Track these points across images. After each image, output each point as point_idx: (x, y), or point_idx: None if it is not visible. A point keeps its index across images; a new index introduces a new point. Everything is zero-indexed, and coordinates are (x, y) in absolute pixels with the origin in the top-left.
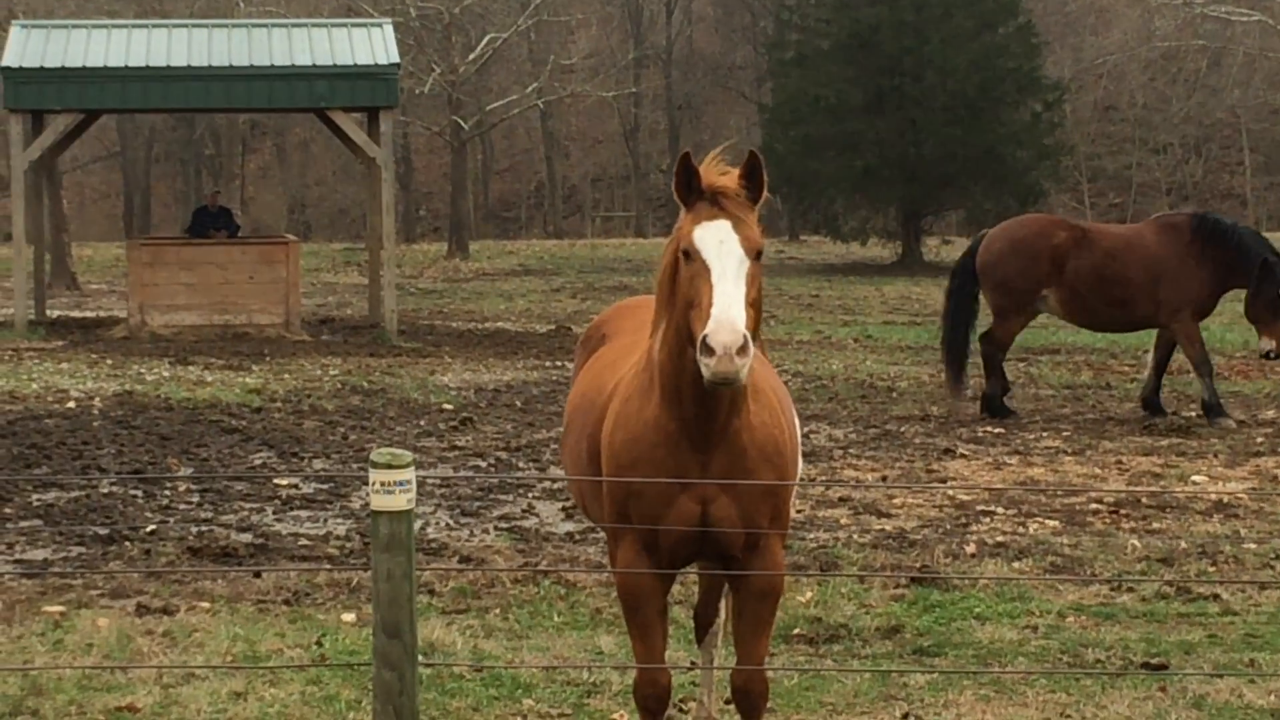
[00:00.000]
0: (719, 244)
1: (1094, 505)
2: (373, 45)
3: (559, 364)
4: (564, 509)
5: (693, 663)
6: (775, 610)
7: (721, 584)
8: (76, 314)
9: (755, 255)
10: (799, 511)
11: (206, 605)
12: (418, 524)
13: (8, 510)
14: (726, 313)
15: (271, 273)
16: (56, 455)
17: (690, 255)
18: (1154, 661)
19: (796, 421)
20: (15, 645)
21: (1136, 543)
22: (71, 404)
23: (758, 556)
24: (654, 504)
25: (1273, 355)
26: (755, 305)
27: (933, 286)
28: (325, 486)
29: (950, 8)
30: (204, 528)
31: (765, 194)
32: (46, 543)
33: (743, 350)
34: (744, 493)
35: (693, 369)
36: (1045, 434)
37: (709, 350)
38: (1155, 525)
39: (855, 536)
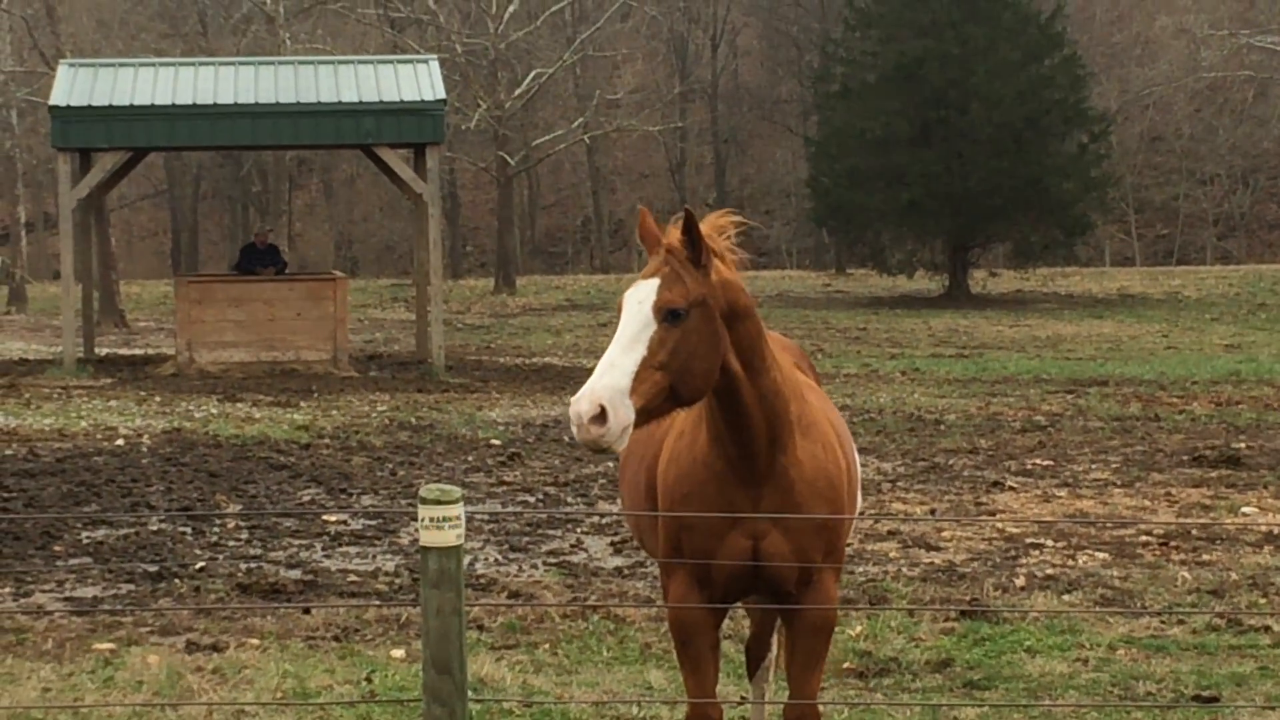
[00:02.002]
0: (636, 304)
1: (1144, 537)
2: (419, 81)
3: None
4: (612, 544)
5: (743, 698)
6: (828, 645)
7: (774, 619)
8: (125, 351)
9: (668, 316)
10: (848, 545)
11: (256, 642)
12: (467, 559)
13: (58, 548)
14: (592, 381)
15: (319, 309)
16: (106, 493)
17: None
18: (1205, 694)
19: (856, 455)
20: (66, 683)
21: (1187, 575)
22: (120, 441)
23: (810, 591)
24: (706, 539)
25: None
26: (666, 368)
27: (980, 319)
28: (374, 523)
29: (995, 39)
30: (253, 564)
31: (719, 251)
32: (96, 580)
33: (598, 419)
34: (796, 528)
35: (719, 412)
36: (1094, 466)
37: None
38: (1205, 557)
39: (904, 570)
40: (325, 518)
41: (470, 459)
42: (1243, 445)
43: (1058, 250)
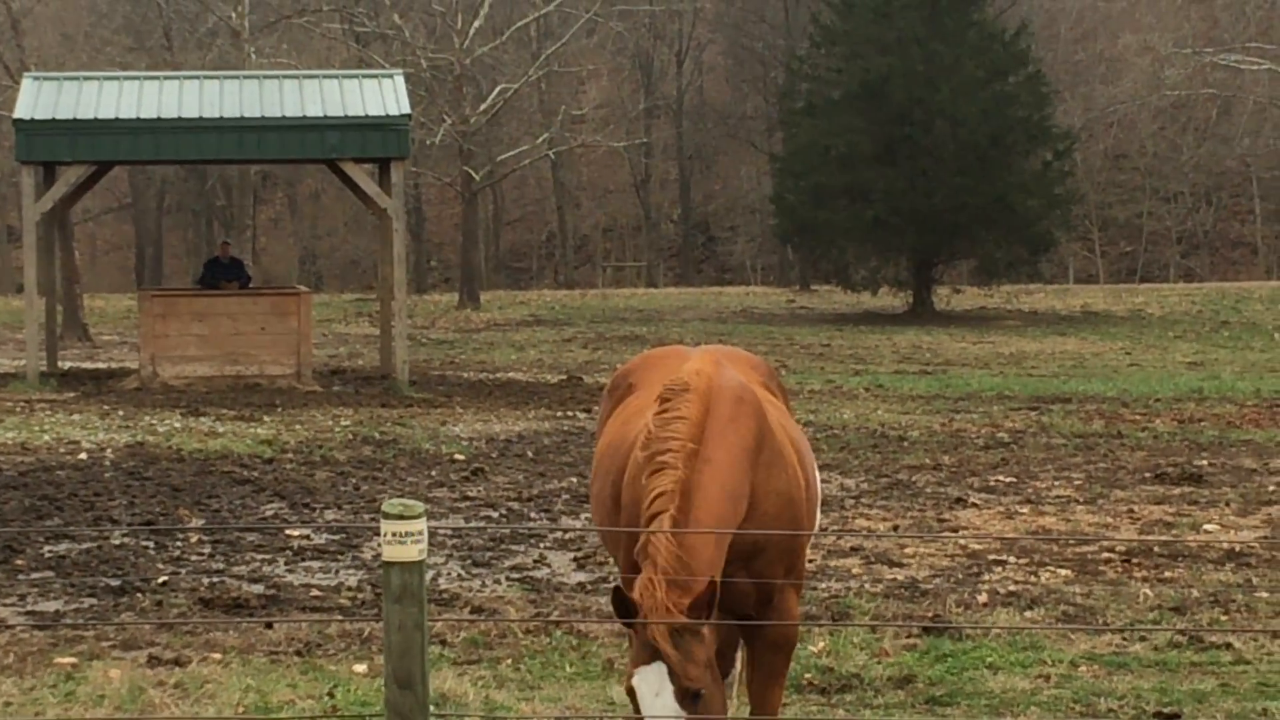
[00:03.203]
0: (653, 696)
1: (1106, 554)
2: (384, 96)
3: (570, 414)
4: (575, 559)
5: None
6: (789, 661)
7: (735, 635)
8: (88, 365)
9: (694, 698)
10: (810, 561)
11: (218, 656)
12: (429, 575)
13: (20, 562)
14: None
15: (283, 324)
16: (68, 507)
17: (630, 698)
18: (1167, 711)
19: (816, 472)
20: (27, 697)
21: (1149, 591)
22: (83, 455)
23: (771, 609)
24: None
25: None
26: None
27: (944, 336)
28: (337, 537)
29: (960, 57)
30: (216, 579)
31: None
32: (58, 594)
33: None
34: (760, 560)
35: None
36: (1057, 483)
37: None
38: (1167, 574)
39: (867, 586)
40: (288, 532)
41: (434, 474)
42: (1205, 462)
43: (1021, 267)
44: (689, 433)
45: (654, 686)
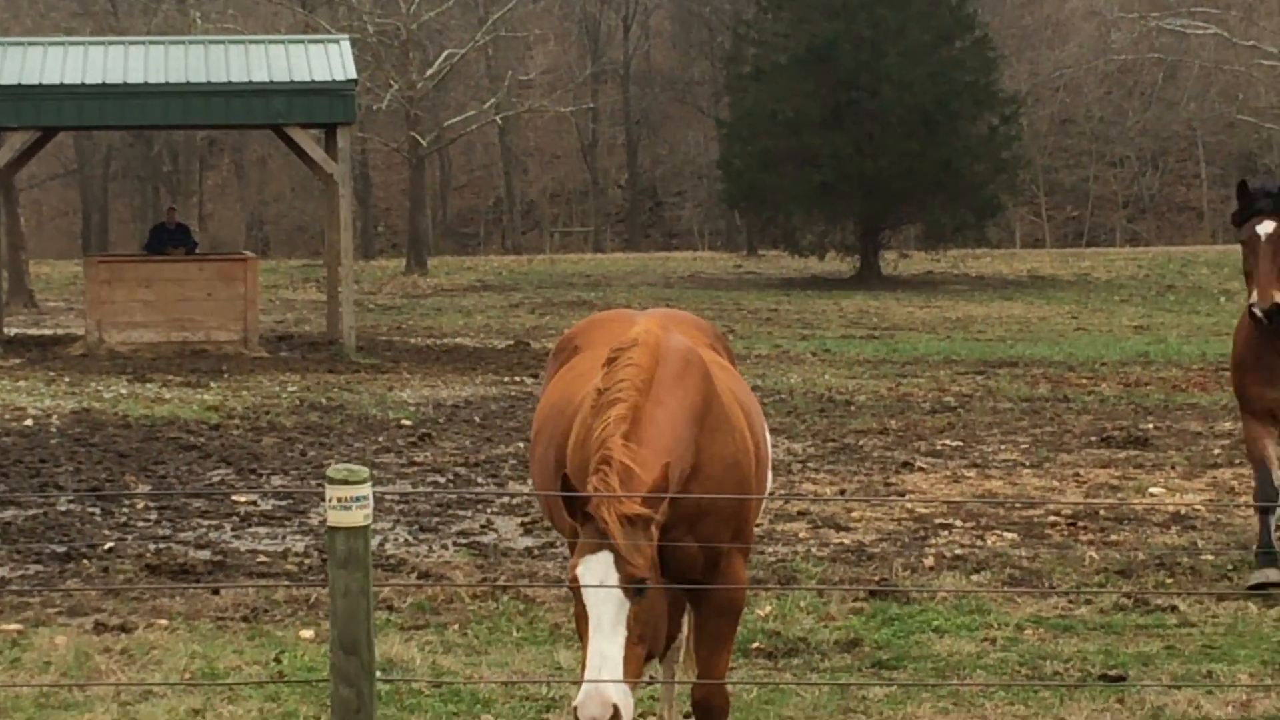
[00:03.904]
0: (594, 588)
1: (1052, 518)
2: (330, 61)
3: (518, 379)
4: (522, 524)
5: (651, 678)
6: (736, 625)
7: (682, 600)
8: (34, 332)
9: (639, 590)
10: (757, 525)
11: (164, 623)
12: (376, 540)
13: None
14: (595, 680)
15: (229, 289)
16: (14, 473)
17: (573, 591)
18: (1112, 673)
19: (767, 434)
20: None
21: (1094, 555)
22: (29, 421)
23: (718, 573)
24: None
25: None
26: (643, 640)
27: (891, 300)
28: (283, 503)
29: (906, 22)
30: (162, 545)
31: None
32: (3, 561)
33: (615, 719)
34: (705, 524)
35: None
36: (1003, 447)
37: None
38: (1113, 537)
39: (814, 550)
40: (234, 498)
41: (381, 439)
42: (1150, 426)
43: (968, 232)
44: (640, 376)
45: (598, 576)
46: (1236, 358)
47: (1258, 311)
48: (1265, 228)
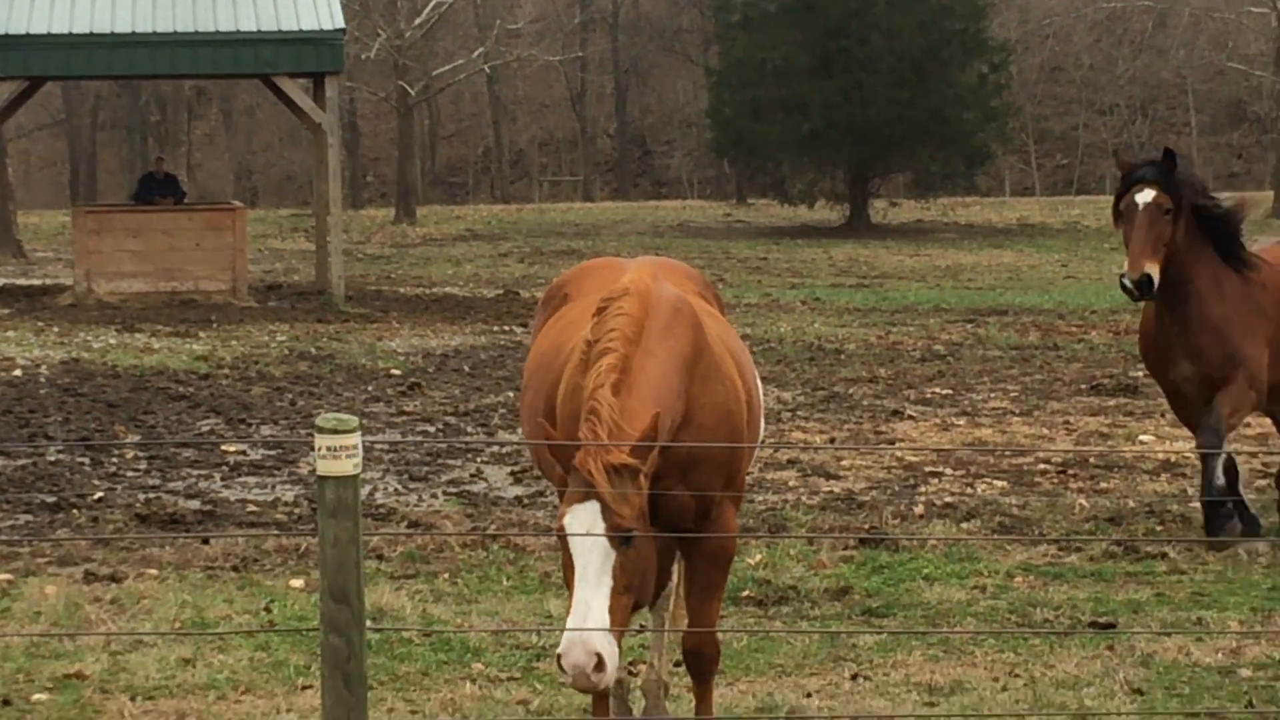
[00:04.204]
0: (582, 537)
1: (1042, 465)
2: (318, 11)
3: (507, 329)
4: (512, 473)
5: (642, 626)
6: (727, 573)
7: (673, 549)
8: (22, 282)
9: (625, 540)
10: (748, 474)
11: (154, 572)
12: (366, 489)
13: None
14: (579, 628)
15: (218, 239)
16: (2, 423)
17: (560, 540)
18: (1102, 620)
19: (758, 383)
20: None
21: (1084, 502)
22: (18, 372)
23: (709, 522)
24: None
25: None
26: (629, 589)
27: (880, 249)
28: (273, 453)
29: None
30: (152, 495)
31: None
32: None
33: (599, 667)
34: (697, 473)
35: None
36: (993, 395)
37: (562, 668)
38: (1103, 485)
39: (804, 498)
40: (224, 448)
41: (370, 389)
42: (1140, 374)
43: (958, 180)
44: (630, 326)
45: (585, 525)
46: (1140, 337)
47: (1127, 283)
48: (1144, 196)
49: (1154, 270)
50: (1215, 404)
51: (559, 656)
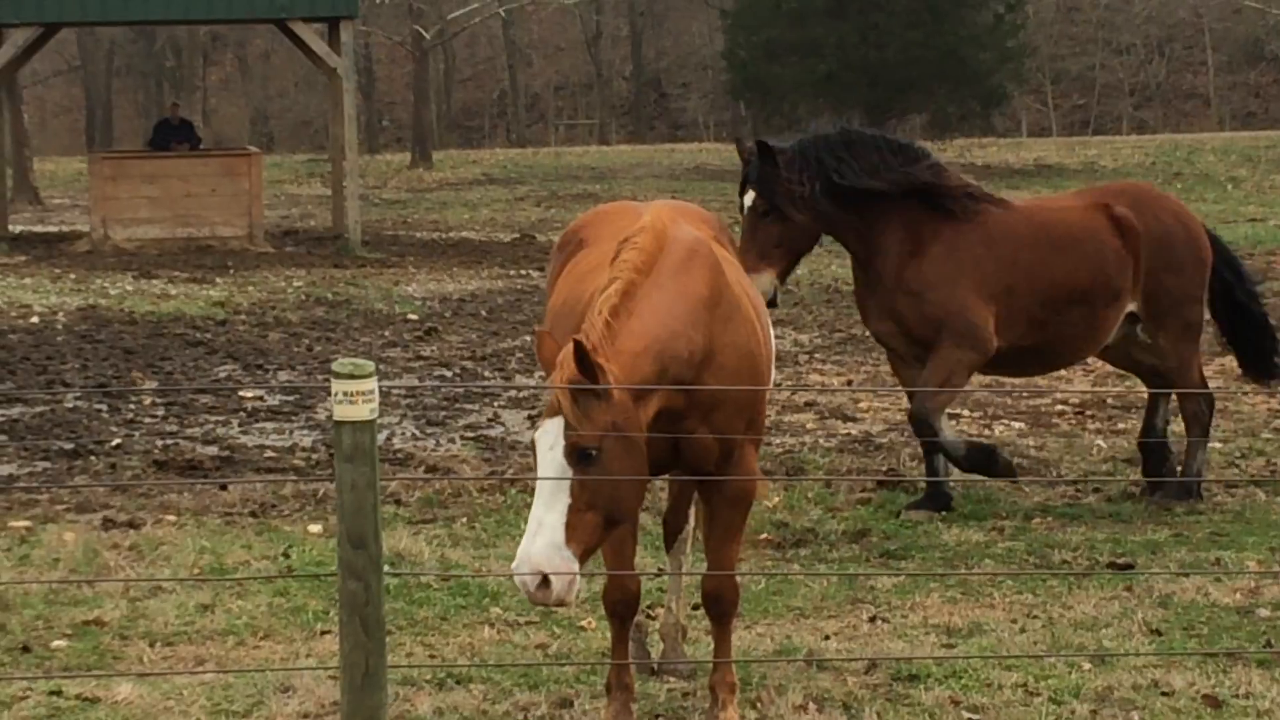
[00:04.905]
0: (548, 450)
1: (1059, 406)
2: None
3: (524, 273)
4: (529, 417)
5: (660, 569)
6: (747, 516)
7: (691, 491)
8: (39, 229)
9: (581, 458)
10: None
11: (173, 518)
12: (383, 434)
13: None
14: (526, 545)
15: (234, 185)
16: (20, 370)
17: (532, 452)
18: (1120, 561)
19: (771, 328)
20: None
21: (1102, 443)
22: (35, 319)
23: (731, 464)
24: None
25: None
26: (594, 507)
27: None
28: (290, 398)
29: None
30: (169, 441)
31: (612, 380)
32: (11, 458)
33: (543, 585)
34: (719, 415)
35: None
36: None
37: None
38: (1120, 425)
39: (821, 441)
40: (241, 394)
41: (387, 334)
42: None
43: (974, 121)
44: (641, 259)
45: (550, 440)
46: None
47: None
48: (747, 199)
49: (765, 278)
50: (925, 375)
51: (514, 565)
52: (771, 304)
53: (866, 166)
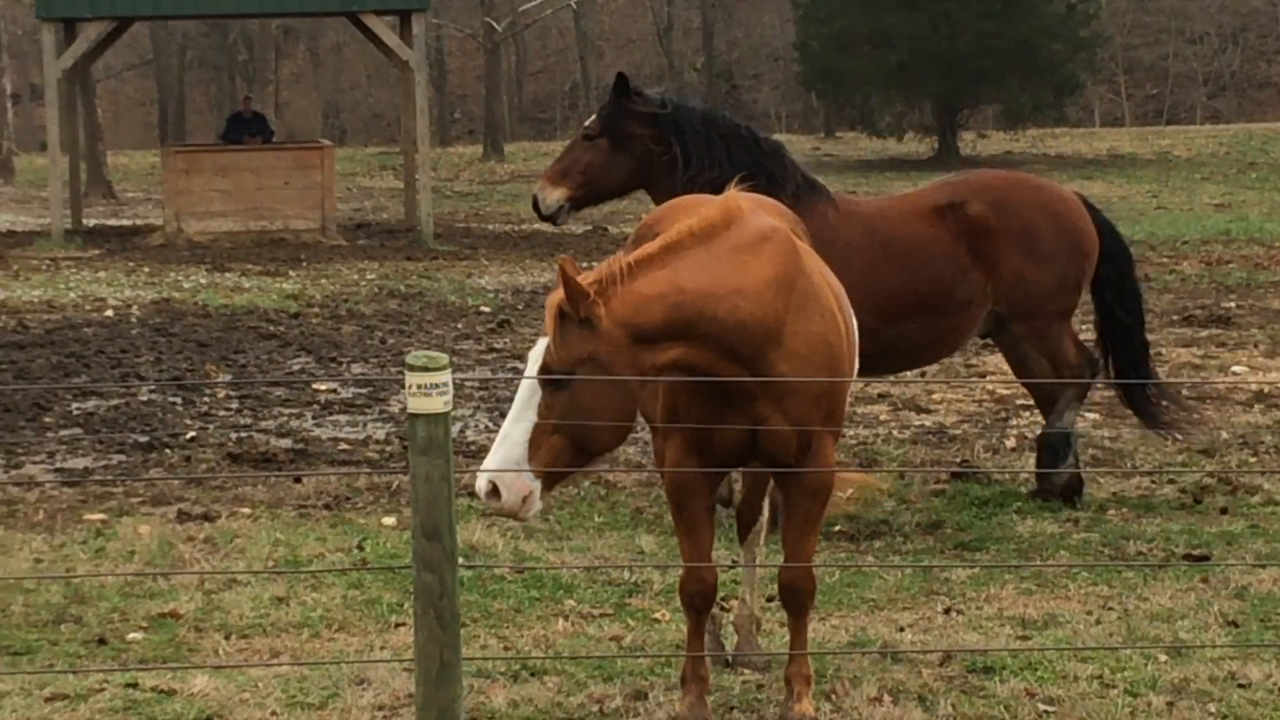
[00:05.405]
0: (530, 365)
1: None
2: None
3: (596, 264)
4: None
5: (734, 561)
6: (825, 508)
7: (766, 483)
8: (113, 222)
9: (551, 381)
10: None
11: (247, 511)
12: (457, 427)
13: (48, 419)
14: (490, 455)
15: (307, 178)
16: (95, 364)
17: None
18: (1196, 553)
19: (853, 319)
20: (58, 554)
21: (1177, 434)
22: (109, 312)
23: (809, 456)
24: (703, 412)
25: None
26: (560, 431)
27: None
28: (364, 391)
29: None
30: (243, 434)
31: (597, 310)
32: (87, 451)
33: (493, 494)
34: (794, 402)
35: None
36: (1084, 327)
37: None
38: (1195, 416)
39: (895, 433)
40: (315, 386)
41: (460, 326)
42: (1232, 304)
43: (1047, 111)
44: (701, 226)
45: (535, 357)
46: None
47: (535, 195)
48: (589, 121)
49: (556, 193)
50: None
51: None
52: (551, 219)
53: (720, 144)
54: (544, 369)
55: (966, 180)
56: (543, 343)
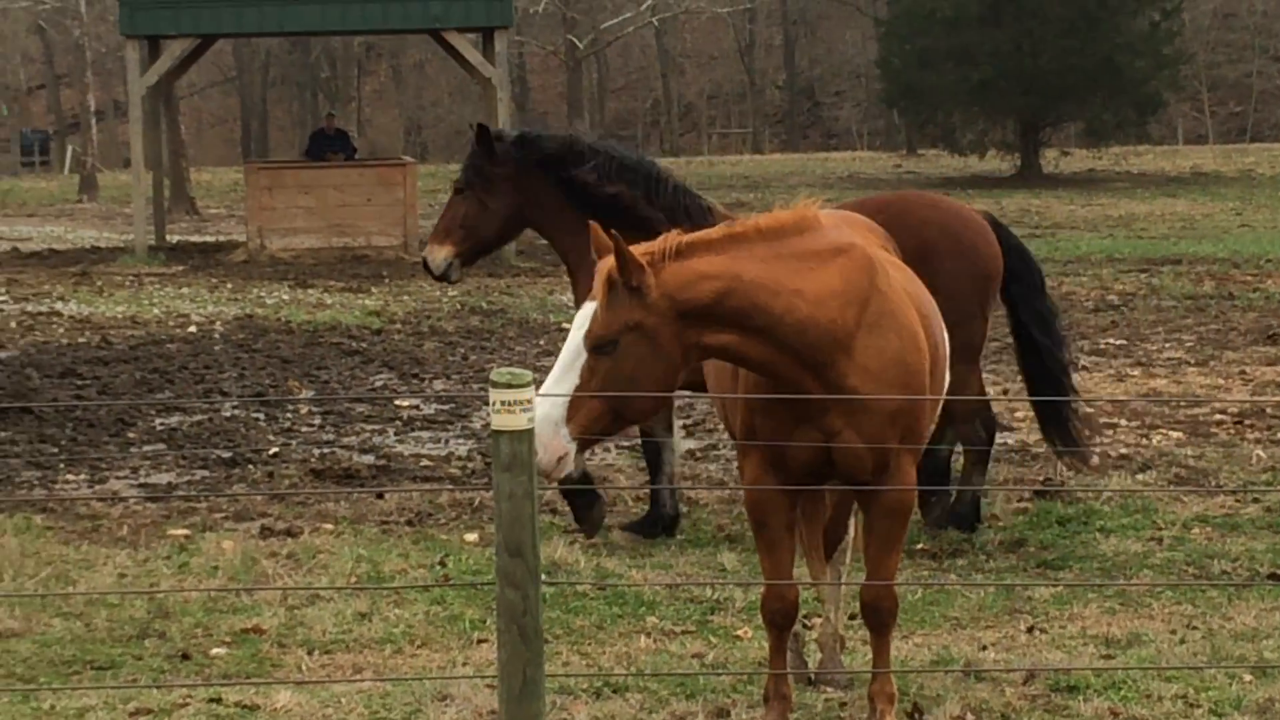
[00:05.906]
0: (575, 329)
1: (1218, 416)
2: None
3: None
4: (684, 426)
5: (817, 579)
6: (906, 527)
7: (850, 502)
8: (196, 239)
9: (595, 346)
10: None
11: (330, 527)
12: None
13: (131, 435)
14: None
15: (389, 195)
16: (179, 379)
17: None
18: None
19: (944, 334)
20: (141, 569)
21: (1261, 453)
22: (193, 328)
23: (888, 474)
24: (777, 427)
25: None
26: (602, 398)
27: (1052, 199)
28: (446, 407)
29: None
30: (326, 450)
31: (647, 279)
32: (170, 466)
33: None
34: (867, 419)
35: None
36: (1168, 345)
37: None
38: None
39: None
40: (397, 403)
41: (541, 343)
42: None
43: (1130, 129)
44: (767, 225)
45: (580, 320)
46: None
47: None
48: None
49: (441, 252)
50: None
51: None
52: (444, 278)
53: (603, 172)
54: (589, 336)
55: (869, 198)
56: (588, 309)
